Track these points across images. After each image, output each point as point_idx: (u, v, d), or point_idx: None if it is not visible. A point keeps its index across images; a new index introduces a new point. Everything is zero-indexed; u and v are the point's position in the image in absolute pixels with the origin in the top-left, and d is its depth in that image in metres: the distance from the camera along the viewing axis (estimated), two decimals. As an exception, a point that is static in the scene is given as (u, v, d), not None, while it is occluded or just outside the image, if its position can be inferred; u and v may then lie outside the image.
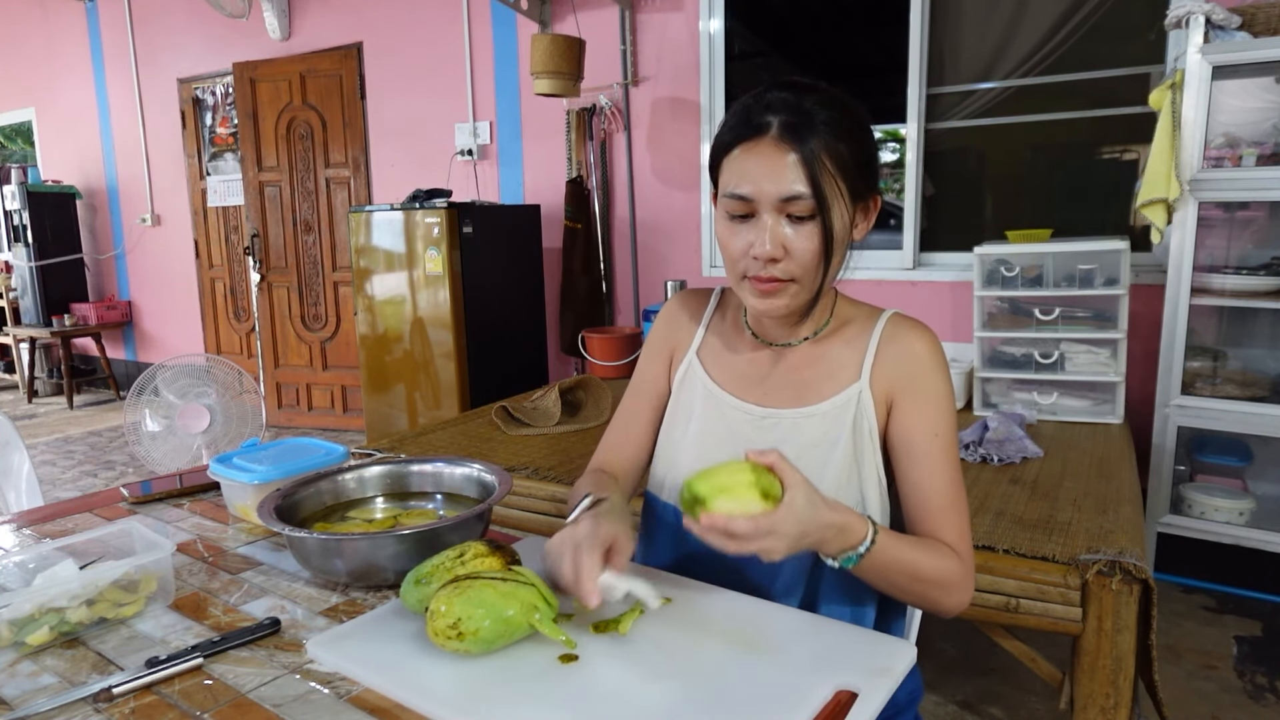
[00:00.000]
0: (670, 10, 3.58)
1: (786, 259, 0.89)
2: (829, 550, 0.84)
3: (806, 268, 0.89)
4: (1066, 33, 2.93)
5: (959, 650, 2.18)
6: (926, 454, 0.92)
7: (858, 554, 0.83)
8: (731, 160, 0.90)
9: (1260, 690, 1.98)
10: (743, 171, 0.89)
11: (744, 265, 0.92)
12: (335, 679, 0.76)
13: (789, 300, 0.92)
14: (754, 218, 0.89)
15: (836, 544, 0.83)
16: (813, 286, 0.92)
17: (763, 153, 0.87)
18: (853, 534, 0.83)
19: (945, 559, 0.89)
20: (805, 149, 0.86)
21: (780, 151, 0.86)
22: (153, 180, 5.54)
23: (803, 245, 0.88)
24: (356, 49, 4.46)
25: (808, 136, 0.86)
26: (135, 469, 4.06)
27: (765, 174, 0.87)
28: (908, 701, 1.00)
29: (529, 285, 3.88)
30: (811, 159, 0.86)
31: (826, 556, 0.85)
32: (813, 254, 0.89)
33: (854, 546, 0.83)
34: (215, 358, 2.95)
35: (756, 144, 0.88)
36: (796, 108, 0.87)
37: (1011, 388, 2.56)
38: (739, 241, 0.91)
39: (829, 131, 0.86)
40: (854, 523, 0.83)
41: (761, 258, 0.89)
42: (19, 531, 1.17)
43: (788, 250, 0.88)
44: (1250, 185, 2.28)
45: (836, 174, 0.87)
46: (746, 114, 0.90)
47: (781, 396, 0.99)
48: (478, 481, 1.10)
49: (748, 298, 0.94)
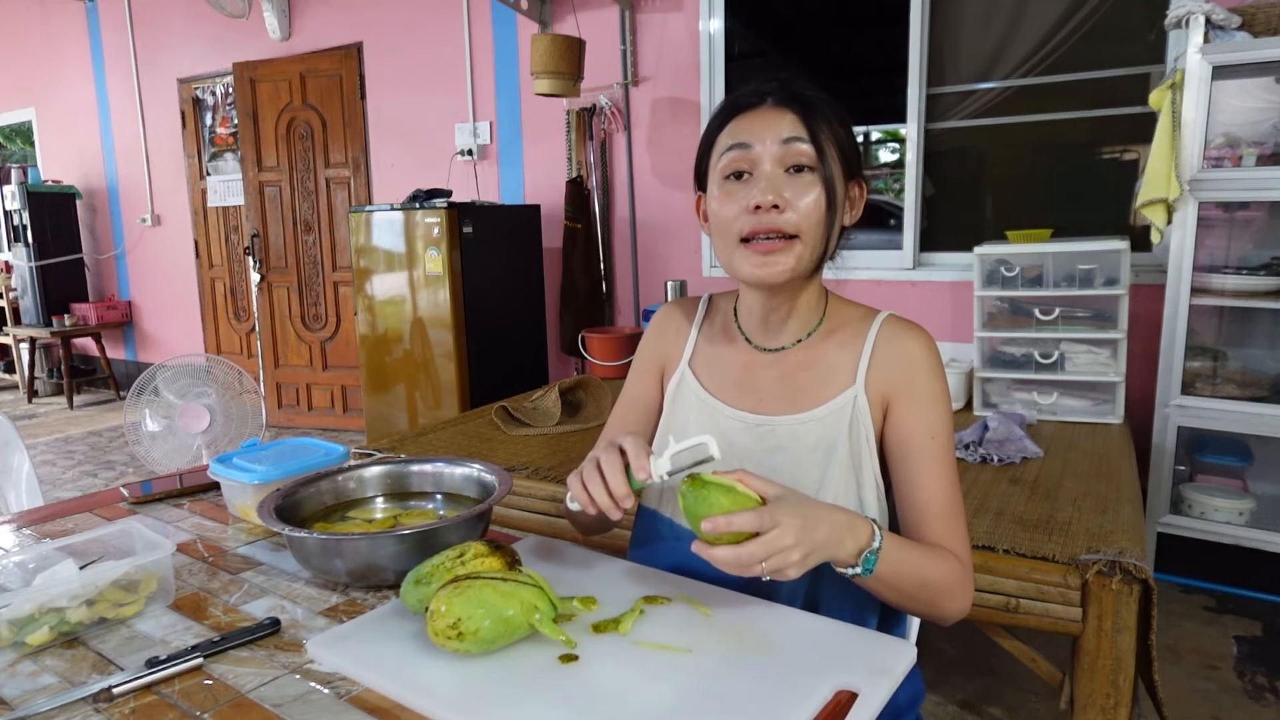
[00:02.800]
0: (670, 10, 3.58)
1: (788, 210, 0.89)
2: (845, 551, 0.80)
3: (809, 220, 0.89)
4: (1066, 33, 2.93)
5: (959, 650, 2.18)
6: (924, 457, 0.92)
7: (874, 550, 0.80)
8: (727, 129, 0.93)
9: (1260, 690, 1.98)
10: (741, 127, 0.91)
11: (740, 224, 0.90)
12: (335, 679, 0.76)
13: (791, 262, 0.89)
14: (751, 177, 0.90)
15: (850, 542, 0.79)
16: (815, 246, 0.90)
17: (761, 113, 0.91)
18: (860, 529, 0.80)
19: (948, 563, 0.87)
20: (804, 110, 0.90)
21: (779, 111, 0.90)
22: (153, 180, 5.54)
23: (804, 198, 0.89)
24: (356, 49, 4.46)
25: (805, 101, 0.90)
26: (135, 469, 4.06)
27: (765, 125, 0.90)
28: (909, 703, 0.99)
29: (529, 285, 3.88)
30: (810, 117, 0.89)
31: (843, 566, 0.81)
32: (814, 205, 0.89)
33: (866, 544, 0.80)
34: (215, 358, 2.96)
35: (754, 110, 0.92)
36: (790, 84, 0.92)
37: (1011, 388, 2.56)
38: (735, 203, 0.90)
39: (823, 104, 0.91)
40: (856, 519, 0.81)
41: (764, 205, 0.88)
42: (19, 531, 1.17)
43: (789, 200, 0.89)
44: (1250, 185, 2.28)
45: (832, 139, 0.90)
46: (736, 98, 0.94)
47: (776, 403, 0.98)
48: (478, 481, 1.10)
49: (745, 267, 0.91)
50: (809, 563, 0.76)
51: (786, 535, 0.74)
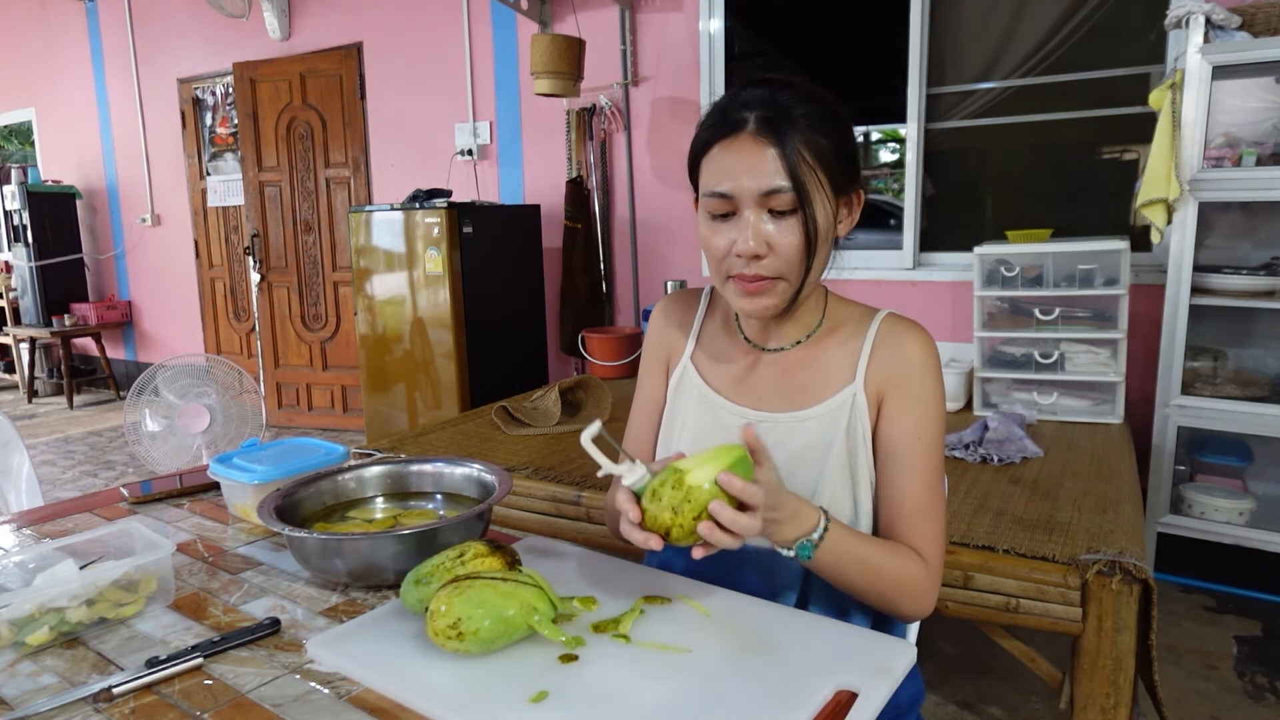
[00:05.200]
0: (670, 10, 3.58)
1: (770, 255, 0.88)
2: (782, 536, 0.83)
3: (791, 263, 0.89)
4: (1066, 33, 2.93)
5: (959, 650, 2.18)
6: (906, 457, 0.92)
7: (811, 542, 0.83)
8: (710, 159, 0.90)
9: (1260, 690, 1.98)
10: (722, 169, 0.88)
11: (728, 264, 0.91)
12: (335, 679, 0.76)
13: (777, 300, 0.91)
14: (735, 215, 0.89)
15: (790, 529, 0.82)
16: (798, 282, 0.91)
17: (741, 149, 0.87)
18: (805, 521, 0.83)
19: (907, 563, 0.88)
20: (784, 142, 0.85)
21: (759, 146, 0.86)
22: (153, 180, 5.54)
23: (786, 240, 0.87)
24: (356, 49, 4.46)
25: (786, 130, 0.85)
26: (135, 469, 4.06)
27: (744, 169, 0.86)
28: (910, 703, 0.99)
29: (529, 285, 3.88)
30: (791, 152, 0.85)
31: (780, 545, 0.84)
32: (796, 249, 0.88)
33: (807, 534, 0.83)
34: (215, 358, 2.96)
35: (734, 140, 0.87)
36: (772, 102, 0.86)
37: (1011, 388, 2.56)
38: (721, 240, 0.90)
39: (807, 124, 0.86)
40: (806, 510, 0.84)
41: (745, 254, 0.88)
42: (19, 531, 1.17)
43: (771, 246, 0.88)
44: (1250, 185, 2.28)
45: (816, 166, 0.86)
46: (723, 112, 0.89)
47: (776, 400, 0.99)
48: (478, 481, 1.10)
49: (734, 299, 0.93)
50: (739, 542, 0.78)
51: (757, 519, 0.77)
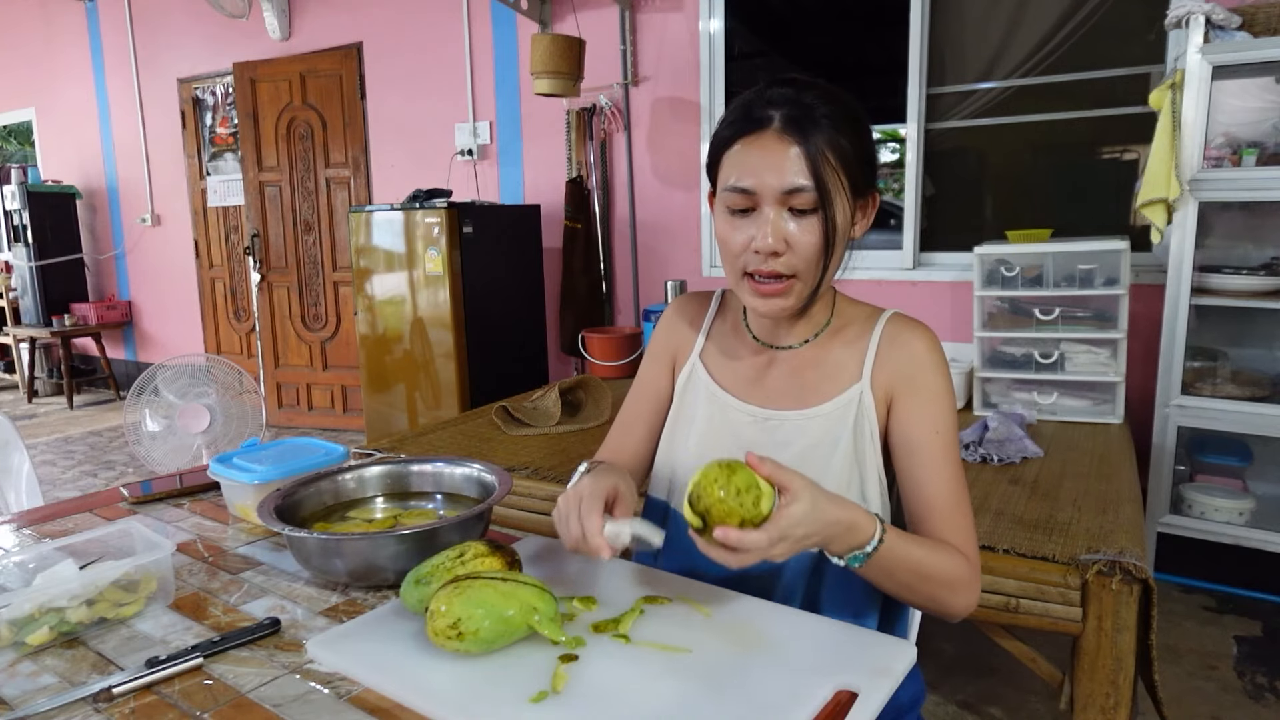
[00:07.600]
0: (670, 10, 3.58)
1: (788, 253, 0.88)
2: (835, 549, 0.81)
3: (808, 262, 0.89)
4: (1066, 33, 2.93)
5: (959, 650, 2.18)
6: (929, 452, 0.92)
7: (864, 553, 0.81)
8: (732, 155, 0.90)
9: (1260, 690, 1.98)
10: (744, 164, 0.88)
11: (744, 260, 0.91)
12: (335, 679, 0.76)
13: (793, 301, 0.92)
14: (755, 212, 0.89)
15: (843, 542, 0.80)
16: (813, 282, 0.91)
17: (765, 146, 0.87)
18: (860, 532, 0.80)
19: (952, 559, 0.87)
20: (808, 142, 0.85)
21: (783, 144, 0.86)
22: (153, 180, 5.53)
23: (805, 239, 0.88)
24: (356, 49, 4.46)
25: (810, 129, 0.86)
26: (135, 469, 4.06)
27: (767, 166, 0.87)
28: (910, 703, 0.99)
29: (529, 285, 3.88)
30: (814, 152, 0.85)
31: (832, 555, 0.83)
32: (814, 248, 0.88)
33: (861, 545, 0.81)
34: (215, 358, 2.96)
35: (758, 137, 0.88)
36: (798, 102, 0.87)
37: (1011, 388, 2.56)
38: (740, 236, 0.90)
39: (831, 125, 0.86)
40: (861, 520, 0.81)
41: (763, 251, 0.88)
42: (19, 531, 1.17)
43: (790, 244, 0.88)
44: (1250, 185, 2.28)
45: (839, 167, 0.87)
46: (747, 109, 0.89)
47: (784, 398, 0.99)
48: (478, 481, 1.10)
49: (748, 298, 0.94)
50: (794, 553, 0.77)
51: (784, 548, 0.75)
